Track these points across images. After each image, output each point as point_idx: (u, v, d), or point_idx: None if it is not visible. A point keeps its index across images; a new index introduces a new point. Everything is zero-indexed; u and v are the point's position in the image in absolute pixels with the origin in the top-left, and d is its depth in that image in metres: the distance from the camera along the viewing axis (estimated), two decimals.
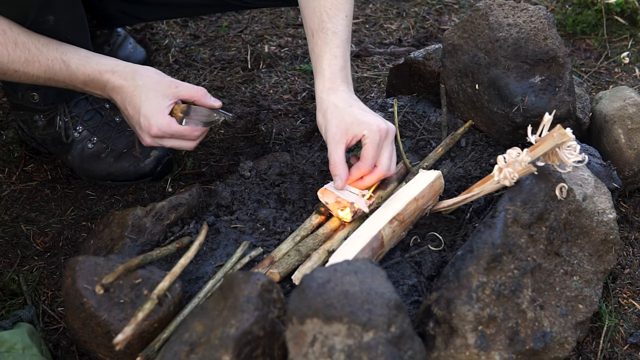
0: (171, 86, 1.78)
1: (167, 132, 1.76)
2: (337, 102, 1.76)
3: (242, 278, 1.40)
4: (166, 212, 1.79)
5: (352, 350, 1.28)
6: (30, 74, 1.76)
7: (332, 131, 1.73)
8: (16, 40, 1.73)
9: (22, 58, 1.73)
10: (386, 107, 2.10)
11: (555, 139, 1.57)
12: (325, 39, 1.82)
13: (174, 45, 2.65)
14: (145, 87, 1.76)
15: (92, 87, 1.80)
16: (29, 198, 2.08)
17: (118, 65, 1.78)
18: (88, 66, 1.77)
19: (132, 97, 1.76)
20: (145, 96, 1.75)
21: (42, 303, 1.81)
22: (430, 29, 2.72)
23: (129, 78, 1.77)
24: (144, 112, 1.75)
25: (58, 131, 2.06)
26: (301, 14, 1.91)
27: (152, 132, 1.76)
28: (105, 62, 1.78)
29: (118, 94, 1.78)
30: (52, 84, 1.80)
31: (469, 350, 1.45)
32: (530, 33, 1.88)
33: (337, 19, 1.83)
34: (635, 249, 1.94)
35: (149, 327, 1.50)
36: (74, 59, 1.77)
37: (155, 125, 1.75)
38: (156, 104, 1.75)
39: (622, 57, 2.56)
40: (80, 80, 1.78)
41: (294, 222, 1.82)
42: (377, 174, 1.74)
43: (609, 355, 1.70)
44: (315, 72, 1.83)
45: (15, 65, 1.73)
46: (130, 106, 1.77)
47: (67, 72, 1.77)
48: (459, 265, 1.49)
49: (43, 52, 1.75)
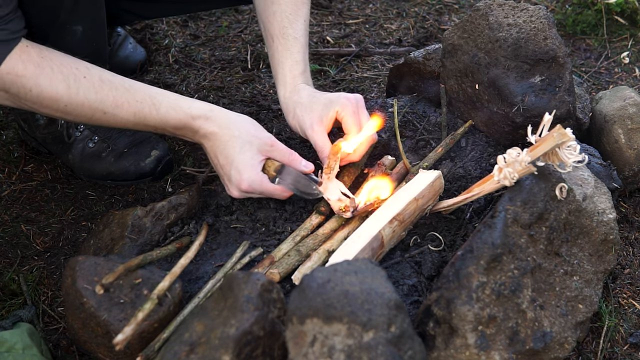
0: (267, 143, 1.71)
1: (257, 190, 1.71)
2: (300, 99, 1.81)
3: (242, 278, 1.40)
4: (166, 212, 1.79)
5: (352, 350, 1.28)
6: (120, 117, 1.65)
7: (308, 123, 1.77)
8: (101, 77, 1.62)
9: (111, 97, 1.63)
10: (386, 107, 2.10)
11: (555, 139, 1.57)
12: (286, 45, 1.85)
13: (174, 45, 2.65)
14: (241, 139, 1.69)
15: (183, 132, 1.72)
16: (29, 198, 2.08)
17: (212, 111, 1.71)
18: (180, 110, 1.68)
19: (225, 147, 1.69)
20: (240, 148, 1.68)
21: (42, 303, 1.81)
22: (430, 29, 2.72)
23: (223, 126, 1.69)
24: (236, 165, 1.68)
25: (60, 130, 2.05)
26: (258, 16, 1.92)
27: (243, 187, 1.70)
28: (197, 107, 1.70)
29: (210, 141, 1.71)
30: (141, 128, 1.71)
31: (469, 350, 1.45)
32: (530, 33, 1.88)
33: (297, 24, 1.86)
34: (635, 249, 1.94)
35: (149, 327, 1.50)
36: (165, 102, 1.68)
37: (247, 181, 1.68)
38: (250, 158, 1.68)
39: (622, 57, 2.56)
40: (171, 125, 1.70)
41: (294, 222, 1.82)
42: (366, 139, 1.79)
43: (609, 355, 1.70)
44: (277, 78, 1.86)
45: (105, 106, 1.62)
46: (222, 155, 1.70)
47: (157, 117, 1.67)
48: (459, 265, 1.49)
49: (131, 92, 1.65)
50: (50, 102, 1.60)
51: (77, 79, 1.60)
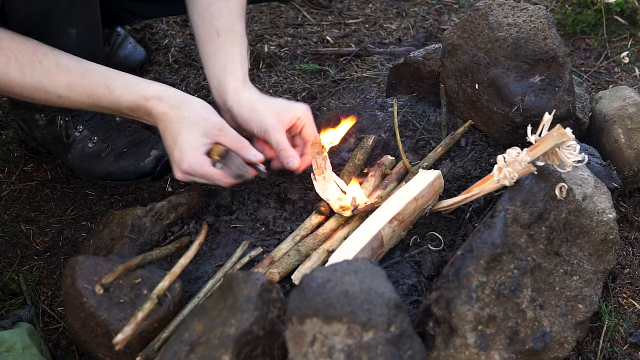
0: (215, 127, 1.70)
1: (198, 172, 1.69)
2: (257, 97, 1.81)
3: (242, 278, 1.40)
4: (166, 212, 1.79)
5: (352, 350, 1.28)
6: (74, 100, 1.68)
7: (270, 122, 1.76)
8: (58, 62, 1.66)
9: (65, 82, 1.66)
10: (386, 107, 2.09)
11: (555, 139, 1.57)
12: (235, 41, 1.84)
13: (174, 45, 2.65)
14: (189, 120, 1.68)
15: (138, 114, 1.72)
16: (29, 198, 2.08)
17: (165, 92, 1.70)
18: (134, 92, 1.68)
19: (173, 127, 1.69)
20: (186, 129, 1.68)
21: (42, 303, 1.81)
22: (430, 29, 2.72)
23: (175, 107, 1.69)
24: (179, 145, 1.68)
25: (59, 131, 2.05)
26: (198, 10, 1.89)
27: (183, 168, 1.69)
28: (152, 88, 1.70)
29: (162, 122, 1.70)
30: (97, 110, 1.73)
31: (469, 350, 1.45)
32: (530, 33, 1.88)
33: (242, 22, 1.88)
34: (635, 249, 1.94)
35: (149, 327, 1.50)
36: (119, 84, 1.69)
37: (187, 161, 1.67)
38: (194, 140, 1.68)
39: (622, 57, 2.56)
40: (126, 107, 1.70)
41: (294, 222, 1.82)
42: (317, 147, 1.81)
43: (609, 355, 1.70)
44: (226, 71, 1.83)
45: (60, 91, 1.66)
46: (170, 136, 1.70)
47: (112, 99, 1.69)
48: (459, 265, 1.49)
49: (86, 76, 1.67)
50: (6, 88, 1.67)
51: (33, 65, 1.65)
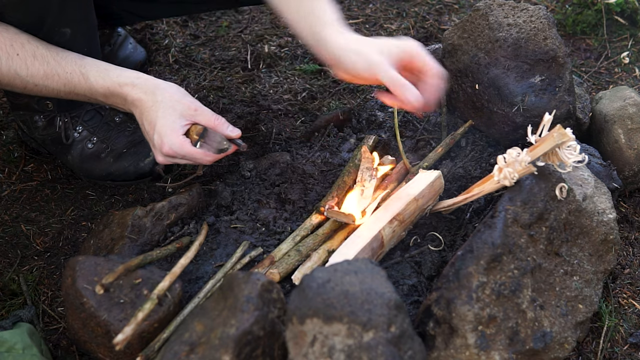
0: (190, 107, 1.74)
1: (179, 153, 1.73)
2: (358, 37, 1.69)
3: (242, 278, 1.41)
4: (166, 212, 1.79)
5: (352, 350, 1.28)
6: (51, 88, 1.74)
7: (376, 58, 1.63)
8: (35, 53, 1.71)
9: (41, 71, 1.72)
10: (386, 107, 2.10)
11: (555, 139, 1.57)
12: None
13: (174, 45, 2.65)
14: (164, 104, 1.72)
15: (113, 100, 1.77)
16: (29, 198, 2.08)
17: (139, 78, 1.75)
18: (107, 79, 1.74)
19: (149, 112, 1.73)
20: (162, 113, 1.72)
21: (42, 303, 1.81)
22: (430, 29, 2.71)
23: (149, 92, 1.73)
24: (158, 129, 1.72)
25: (58, 132, 2.06)
26: None
27: (164, 151, 1.73)
28: (126, 75, 1.75)
29: (137, 108, 1.75)
30: (73, 97, 1.78)
31: (469, 350, 1.45)
32: (530, 33, 1.88)
33: None
34: (635, 249, 1.94)
35: (149, 327, 1.50)
36: (93, 71, 1.74)
37: (168, 144, 1.71)
38: (172, 122, 1.72)
39: (622, 57, 2.56)
40: (100, 94, 1.75)
41: (294, 222, 1.82)
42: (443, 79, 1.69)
43: (609, 355, 1.70)
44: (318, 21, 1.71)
45: (36, 80, 1.72)
46: (147, 121, 1.74)
47: (86, 85, 1.74)
48: (459, 265, 1.49)
49: (62, 64, 1.73)
50: None
51: (10, 56, 1.70)
